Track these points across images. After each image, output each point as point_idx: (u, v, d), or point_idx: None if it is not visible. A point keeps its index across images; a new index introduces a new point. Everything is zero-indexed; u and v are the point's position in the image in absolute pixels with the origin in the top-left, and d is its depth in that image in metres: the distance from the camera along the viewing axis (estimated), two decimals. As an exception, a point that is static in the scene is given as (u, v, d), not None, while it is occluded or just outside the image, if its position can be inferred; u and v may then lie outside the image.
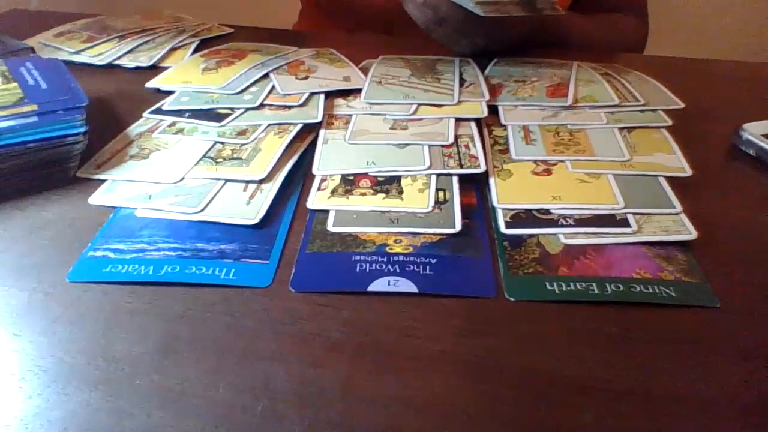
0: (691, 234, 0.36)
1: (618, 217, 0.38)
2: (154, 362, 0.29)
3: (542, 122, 0.49)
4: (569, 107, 0.51)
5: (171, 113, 0.51)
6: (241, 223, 0.38)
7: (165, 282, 0.34)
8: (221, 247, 0.36)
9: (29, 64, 0.51)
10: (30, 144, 0.41)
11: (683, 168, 0.43)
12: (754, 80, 0.62)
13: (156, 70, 0.59)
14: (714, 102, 0.55)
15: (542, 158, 0.44)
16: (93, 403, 0.27)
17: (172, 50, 0.65)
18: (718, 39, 1.40)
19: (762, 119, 0.48)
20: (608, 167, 0.43)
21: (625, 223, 0.37)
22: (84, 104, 0.44)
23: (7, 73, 0.48)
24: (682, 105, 0.51)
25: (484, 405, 0.27)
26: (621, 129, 0.48)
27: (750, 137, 0.46)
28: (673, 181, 0.41)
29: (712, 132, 0.49)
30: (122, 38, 0.66)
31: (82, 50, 0.63)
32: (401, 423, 0.27)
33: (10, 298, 0.33)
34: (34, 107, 0.43)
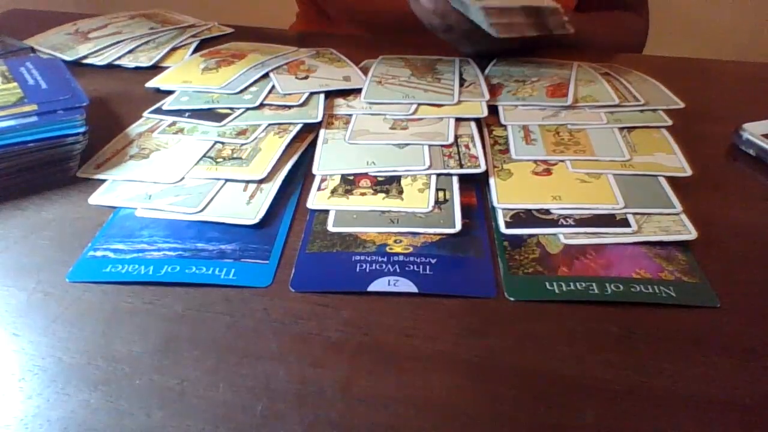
0: (691, 234, 0.36)
1: (618, 217, 0.38)
2: (154, 362, 0.29)
3: (542, 122, 0.49)
4: (569, 107, 0.51)
5: (171, 113, 0.51)
6: (241, 223, 0.38)
7: (165, 282, 0.34)
8: (221, 247, 0.36)
9: (29, 64, 0.51)
10: (30, 144, 0.41)
11: (683, 168, 0.43)
12: (754, 80, 0.62)
13: (156, 70, 0.59)
14: (714, 102, 0.55)
15: (542, 158, 0.44)
16: (93, 403, 0.27)
17: (172, 50, 0.65)
18: (718, 39, 1.40)
19: (762, 119, 0.48)
20: (608, 167, 0.43)
21: (625, 223, 0.37)
22: (84, 104, 0.44)
23: (7, 73, 0.48)
24: (682, 105, 0.51)
25: (484, 405, 0.27)
26: (621, 129, 0.48)
27: (750, 137, 0.46)
28: (673, 181, 0.41)
29: (712, 132, 0.49)
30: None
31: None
32: (401, 423, 0.27)
33: (10, 298, 0.33)
34: (34, 107, 0.43)
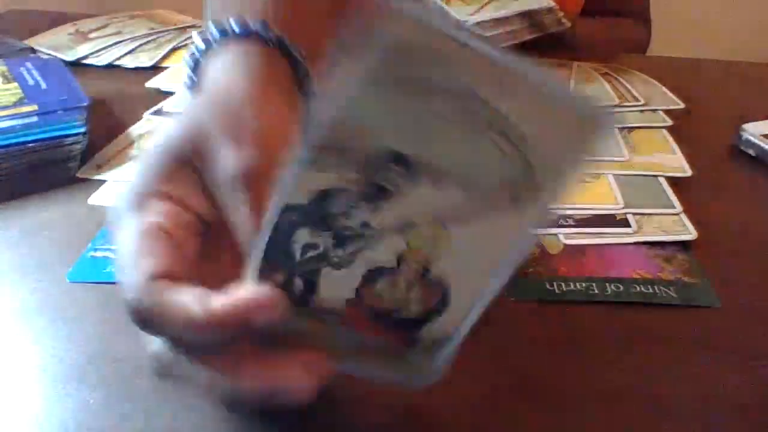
0: (691, 234, 0.36)
1: (618, 217, 0.38)
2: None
3: (542, 122, 0.49)
4: (569, 107, 0.51)
5: (172, 114, 0.51)
6: (241, 223, 0.38)
7: (165, 282, 0.34)
8: (221, 247, 0.36)
9: (29, 64, 0.50)
10: (30, 144, 0.41)
11: (683, 168, 0.43)
12: (754, 80, 0.62)
13: (156, 70, 0.59)
14: (714, 102, 0.55)
15: (542, 158, 0.44)
16: (93, 403, 0.27)
17: (173, 50, 0.65)
18: (719, 39, 1.40)
19: (762, 119, 0.48)
20: (608, 167, 0.43)
21: (625, 224, 0.37)
22: (84, 104, 0.44)
23: (7, 73, 0.48)
24: (682, 105, 0.51)
25: (484, 405, 0.27)
26: (621, 129, 0.48)
27: (750, 137, 0.46)
28: (673, 181, 0.41)
29: (712, 132, 0.49)
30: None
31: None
32: (401, 423, 0.27)
33: (10, 298, 0.33)
34: (34, 107, 0.43)
